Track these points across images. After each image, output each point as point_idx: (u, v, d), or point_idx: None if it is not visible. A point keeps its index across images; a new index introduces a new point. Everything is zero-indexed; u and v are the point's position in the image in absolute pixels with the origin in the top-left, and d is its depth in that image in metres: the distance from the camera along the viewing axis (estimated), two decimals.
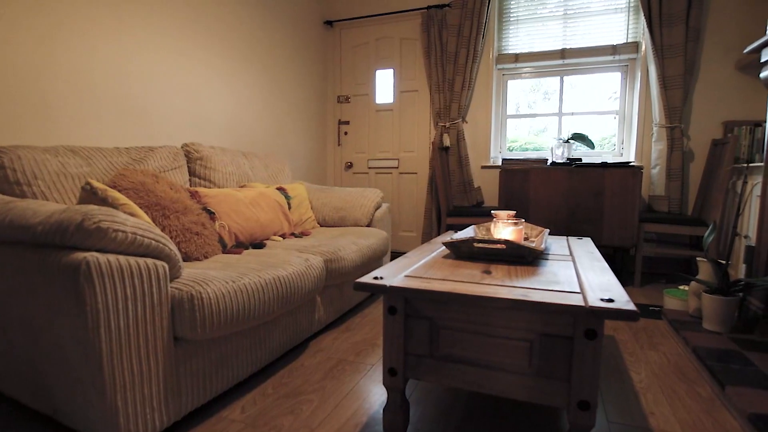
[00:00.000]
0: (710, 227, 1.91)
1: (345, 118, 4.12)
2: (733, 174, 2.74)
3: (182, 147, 2.27)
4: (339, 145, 4.17)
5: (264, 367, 1.72)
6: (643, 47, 3.13)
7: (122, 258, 1.12)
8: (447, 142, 3.57)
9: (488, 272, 1.29)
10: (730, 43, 2.90)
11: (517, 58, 3.55)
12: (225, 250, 1.96)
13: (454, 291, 1.09)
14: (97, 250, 1.10)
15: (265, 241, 2.20)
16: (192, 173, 2.25)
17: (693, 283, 2.02)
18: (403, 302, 1.19)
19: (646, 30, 2.97)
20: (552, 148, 3.29)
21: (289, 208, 2.57)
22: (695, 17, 2.86)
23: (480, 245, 1.45)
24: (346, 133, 4.14)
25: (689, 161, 3.04)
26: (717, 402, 1.45)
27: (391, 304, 1.21)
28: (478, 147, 3.69)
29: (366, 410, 1.43)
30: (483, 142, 3.67)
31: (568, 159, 3.13)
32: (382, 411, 1.41)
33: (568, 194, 2.92)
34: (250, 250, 2.01)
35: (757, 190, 2.41)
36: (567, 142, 3.28)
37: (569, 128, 3.55)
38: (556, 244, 1.83)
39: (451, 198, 3.65)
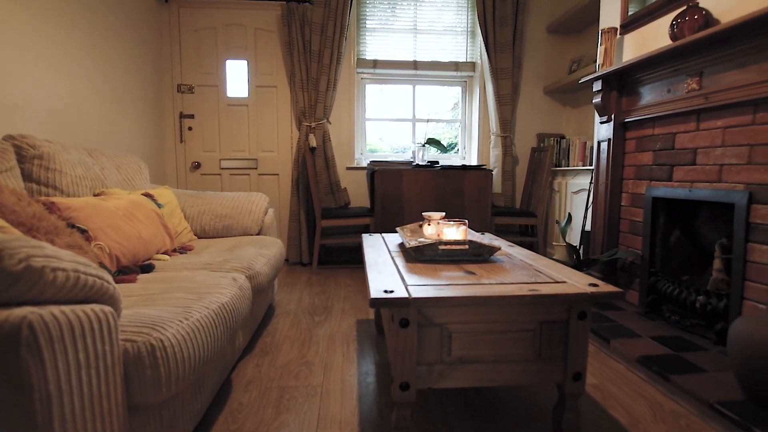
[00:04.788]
0: (566, 219, 2.43)
1: (188, 111, 3.57)
2: (550, 175, 3.50)
3: (6, 140, 1.60)
4: (182, 141, 3.59)
5: (202, 416, 1.39)
6: (480, 67, 3.70)
7: (67, 310, 0.76)
8: (313, 142, 3.49)
9: (472, 273, 1.35)
10: (539, 71, 3.70)
11: (375, 63, 3.71)
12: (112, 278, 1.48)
13: (476, 295, 1.11)
14: (23, 303, 0.71)
15: (151, 262, 1.75)
16: (28, 177, 1.61)
17: None
18: (416, 313, 1.15)
19: (484, 52, 3.52)
20: (413, 151, 3.58)
21: None
22: (518, 47, 3.53)
23: (445, 247, 1.50)
24: (190, 129, 3.59)
25: (516, 165, 3.75)
26: (602, 354, 1.87)
27: (403, 316, 1.15)
28: (342, 148, 3.72)
29: None
30: (347, 144, 3.72)
31: (428, 162, 3.46)
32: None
33: (435, 193, 3.23)
34: (142, 276, 1.58)
35: (572, 187, 3.16)
36: (424, 146, 3.61)
37: (405, 133, 3.92)
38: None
39: (319, 200, 3.58)
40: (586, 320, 1.20)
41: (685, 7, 1.79)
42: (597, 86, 2.31)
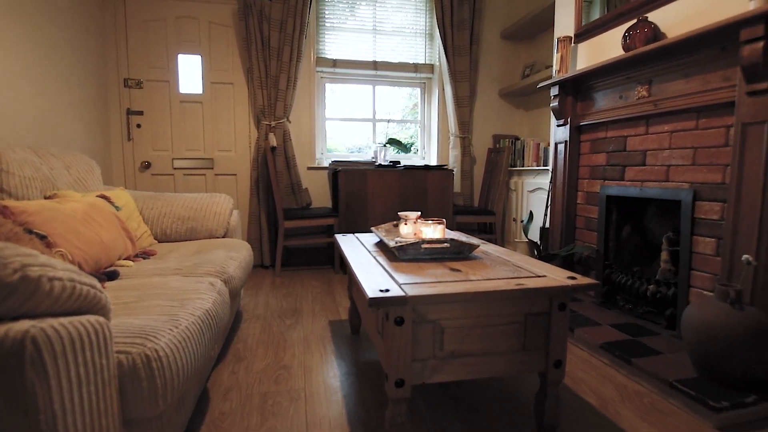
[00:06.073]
0: (528, 217, 2.56)
1: (137, 108, 3.36)
2: (507, 175, 3.66)
3: None
4: (130, 139, 3.36)
5: (185, 429, 1.33)
6: (438, 69, 3.79)
7: (66, 322, 0.71)
8: (274, 142, 3.41)
9: (457, 270, 1.39)
10: (494, 75, 3.86)
11: (335, 63, 3.69)
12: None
13: (470, 291, 1.15)
14: (19, 317, 0.66)
15: (115, 269, 1.64)
16: None
17: None
18: (411, 311, 1.17)
19: (443, 55, 3.61)
20: (375, 151, 3.60)
21: None
22: (475, 52, 3.66)
23: (427, 246, 1.54)
24: (139, 126, 3.37)
25: (474, 165, 3.88)
26: (567, 343, 1.99)
27: (399, 314, 1.16)
28: (303, 148, 3.66)
29: None
30: (308, 143, 3.67)
31: (390, 162, 3.50)
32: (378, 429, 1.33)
33: (399, 193, 3.28)
34: (109, 283, 1.48)
35: (528, 186, 3.32)
36: (385, 146, 3.65)
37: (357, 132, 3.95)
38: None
39: (281, 200, 3.50)
40: (565, 311, 1.28)
41: (636, 20, 1.95)
42: (554, 91, 2.45)
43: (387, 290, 1.15)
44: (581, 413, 1.43)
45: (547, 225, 2.67)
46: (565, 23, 2.56)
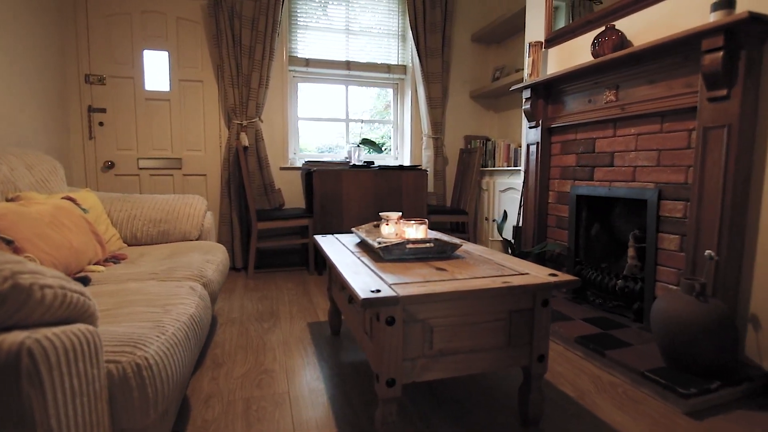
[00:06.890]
0: (502, 216, 2.62)
1: (99, 105, 3.20)
2: (479, 175, 3.74)
3: None
4: (92, 138, 3.21)
5: None
6: (411, 70, 3.83)
7: (59, 332, 0.68)
8: (246, 141, 3.34)
9: (442, 269, 1.42)
10: (465, 77, 3.93)
11: (308, 62, 3.66)
12: None
13: (459, 290, 1.18)
14: (10, 327, 0.62)
15: (86, 274, 1.57)
16: None
17: None
18: (401, 310, 1.18)
19: (416, 56, 3.65)
20: (349, 151, 3.59)
21: None
22: (447, 54, 3.72)
23: (412, 246, 1.55)
24: (101, 124, 3.22)
25: (446, 165, 3.94)
26: None
27: (390, 314, 1.17)
28: (275, 148, 3.60)
29: None
30: (280, 143, 3.61)
31: (364, 162, 3.50)
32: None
33: (374, 193, 3.28)
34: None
35: (499, 186, 3.41)
36: (359, 146, 3.64)
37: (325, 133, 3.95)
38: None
39: (254, 201, 3.43)
40: (548, 307, 1.33)
41: (604, 28, 2.04)
42: (526, 94, 2.53)
43: (378, 291, 1.16)
44: (561, 405, 1.48)
45: (520, 224, 2.75)
46: (535, 28, 2.65)
